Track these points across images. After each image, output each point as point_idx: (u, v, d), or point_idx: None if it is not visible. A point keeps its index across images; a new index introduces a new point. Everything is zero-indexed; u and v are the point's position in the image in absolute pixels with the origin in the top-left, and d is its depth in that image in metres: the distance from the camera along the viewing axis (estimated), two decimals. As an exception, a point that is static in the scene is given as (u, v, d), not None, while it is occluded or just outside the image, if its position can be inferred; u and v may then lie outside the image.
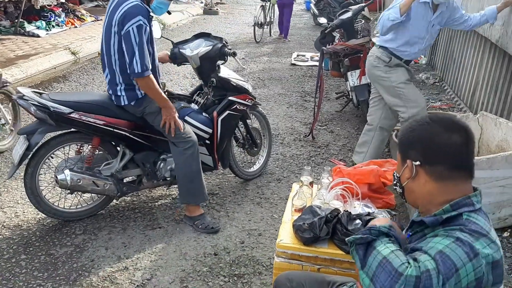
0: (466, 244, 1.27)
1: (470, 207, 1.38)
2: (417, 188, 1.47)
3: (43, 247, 3.13)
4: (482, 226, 1.34)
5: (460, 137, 1.40)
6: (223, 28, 12.24)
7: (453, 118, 1.47)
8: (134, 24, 2.92)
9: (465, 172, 1.42)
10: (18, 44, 8.44)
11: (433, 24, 3.70)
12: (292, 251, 2.25)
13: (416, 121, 1.49)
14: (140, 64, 2.95)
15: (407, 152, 1.48)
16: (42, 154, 3.15)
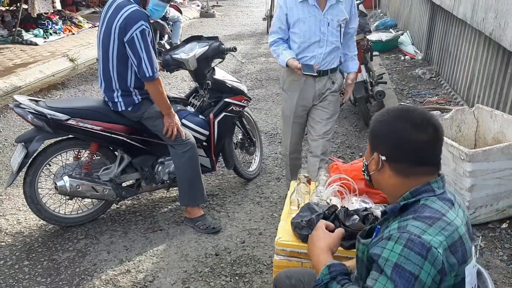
0: (416, 243, 1.28)
1: (429, 193, 1.41)
2: (382, 180, 1.51)
3: (46, 253, 3.16)
4: (438, 209, 1.36)
5: (428, 135, 1.41)
6: (220, 31, 12.25)
7: (423, 115, 1.46)
8: (138, 29, 2.94)
9: (430, 167, 1.45)
10: (16, 52, 8.47)
11: (327, 22, 3.06)
12: (291, 248, 2.26)
13: (386, 115, 1.49)
14: (150, 67, 3.00)
15: (376, 145, 1.50)
16: (40, 162, 3.18)
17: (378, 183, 1.54)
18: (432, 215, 1.35)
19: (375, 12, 12.52)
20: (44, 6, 9.40)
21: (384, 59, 7.97)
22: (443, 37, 6.40)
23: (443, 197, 1.42)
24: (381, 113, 1.52)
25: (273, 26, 3.16)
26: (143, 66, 2.99)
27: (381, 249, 1.34)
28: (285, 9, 3.06)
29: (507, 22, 3.79)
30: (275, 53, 3.17)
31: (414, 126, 1.41)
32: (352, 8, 3.19)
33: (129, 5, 3.00)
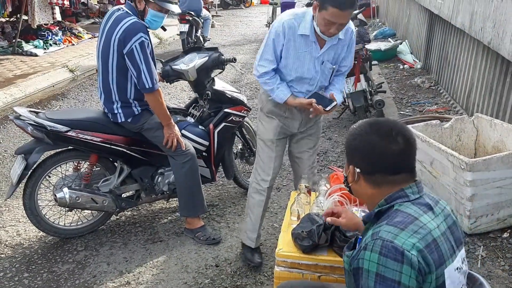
0: (390, 248, 1.33)
1: (403, 198, 1.46)
2: (360, 190, 1.58)
3: (45, 265, 3.14)
4: (410, 213, 1.41)
5: (398, 145, 1.46)
6: (219, 40, 12.30)
7: (392, 126, 1.52)
8: (137, 41, 2.96)
9: (403, 175, 1.49)
10: (16, 63, 8.50)
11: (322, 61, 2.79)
12: (292, 259, 2.25)
13: (358, 129, 1.55)
14: (149, 79, 3.02)
15: (350, 158, 1.57)
16: (40, 173, 3.17)
17: (357, 193, 1.62)
18: (404, 220, 1.39)
19: (373, 21, 12.59)
20: (44, 17, 9.45)
21: (383, 68, 7.99)
22: (442, 46, 6.43)
23: (418, 202, 1.46)
24: (354, 127, 1.59)
25: (264, 54, 2.76)
26: (142, 78, 3.00)
27: (361, 261, 1.38)
28: (283, 39, 2.69)
29: (506, 32, 3.81)
30: (268, 86, 2.78)
31: (383, 137, 1.48)
32: (351, 46, 2.87)
33: (128, 17, 3.02)
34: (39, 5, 9.18)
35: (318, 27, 2.63)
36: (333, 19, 2.54)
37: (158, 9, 3.12)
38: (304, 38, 2.69)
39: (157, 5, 3.10)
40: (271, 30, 2.73)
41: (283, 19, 2.72)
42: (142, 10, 3.10)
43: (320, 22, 2.61)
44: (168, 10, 3.17)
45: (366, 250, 1.37)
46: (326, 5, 2.51)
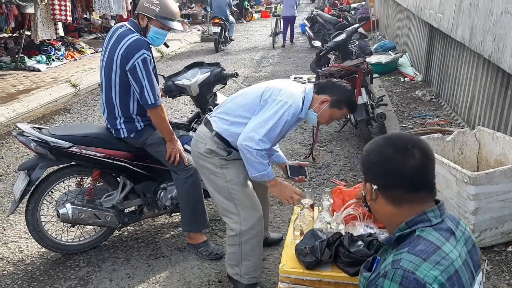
0: (411, 280, 1.26)
1: (425, 223, 1.39)
2: (379, 210, 1.51)
3: (48, 281, 3.13)
4: (433, 242, 1.34)
5: (415, 159, 1.40)
6: (220, 54, 12.39)
7: (409, 139, 1.46)
8: (139, 58, 2.99)
9: (422, 193, 1.43)
10: (19, 79, 8.56)
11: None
12: (296, 275, 2.24)
13: (373, 145, 1.50)
14: (152, 95, 3.05)
15: (367, 175, 1.51)
16: (43, 189, 3.18)
17: (376, 213, 1.55)
18: (426, 248, 1.32)
19: (373, 34, 12.67)
20: (47, 33, 9.54)
21: (384, 81, 8.02)
22: (442, 59, 6.46)
23: (440, 227, 1.39)
24: (369, 143, 1.54)
25: (271, 133, 2.54)
26: (145, 94, 3.03)
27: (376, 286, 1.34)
28: (290, 122, 2.64)
29: (506, 45, 3.83)
30: (261, 162, 2.56)
31: (398, 151, 1.42)
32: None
33: (131, 34, 3.05)
34: (42, 20, 9.26)
35: (318, 118, 2.73)
36: (340, 117, 2.81)
37: (160, 26, 3.15)
38: (299, 119, 2.73)
39: (159, 23, 3.13)
40: (286, 109, 2.56)
41: (299, 105, 2.64)
42: (145, 27, 3.14)
43: (324, 116, 2.73)
44: (171, 28, 3.19)
45: (385, 279, 1.31)
46: (342, 105, 2.70)
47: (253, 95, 2.71)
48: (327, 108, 2.70)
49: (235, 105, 2.73)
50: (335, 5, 17.06)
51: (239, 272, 2.84)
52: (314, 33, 12.25)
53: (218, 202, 2.83)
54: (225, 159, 2.72)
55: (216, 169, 2.74)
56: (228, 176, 2.73)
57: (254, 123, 2.55)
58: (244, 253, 2.80)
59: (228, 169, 2.73)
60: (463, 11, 5.11)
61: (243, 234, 2.76)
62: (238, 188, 2.74)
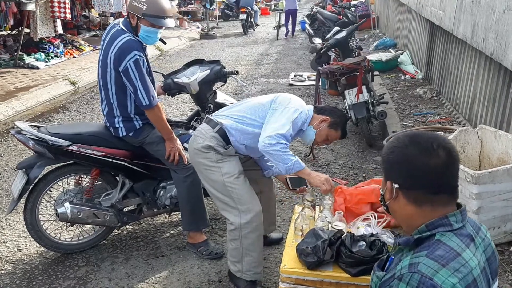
0: (428, 286, 1.22)
1: (446, 227, 1.35)
2: (398, 209, 1.45)
3: (46, 281, 3.10)
4: (453, 247, 1.30)
5: (440, 159, 1.36)
6: (220, 52, 12.36)
7: (434, 139, 1.41)
8: (131, 59, 2.95)
9: (445, 195, 1.38)
10: (17, 76, 8.52)
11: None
12: (297, 276, 2.22)
13: (396, 142, 1.45)
14: (146, 96, 3.01)
15: (388, 173, 1.46)
16: (41, 188, 3.15)
17: (394, 213, 1.49)
18: (446, 254, 1.28)
19: (374, 32, 12.63)
20: (46, 30, 9.51)
21: (385, 79, 7.99)
22: (443, 57, 6.42)
23: (460, 232, 1.35)
24: (391, 140, 1.48)
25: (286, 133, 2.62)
26: (139, 95, 3.01)
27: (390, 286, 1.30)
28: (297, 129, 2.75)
29: (508, 43, 3.80)
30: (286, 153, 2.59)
31: (424, 151, 1.37)
32: None
33: (123, 35, 3.01)
34: (41, 18, 9.23)
35: (315, 136, 2.85)
36: (333, 140, 2.92)
37: (150, 24, 3.06)
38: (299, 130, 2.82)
39: (148, 21, 3.05)
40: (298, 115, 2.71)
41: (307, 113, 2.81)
42: (135, 26, 3.08)
43: (321, 134, 2.86)
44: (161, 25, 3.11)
45: (401, 282, 1.27)
46: (338, 128, 2.87)
47: (263, 100, 2.87)
48: (326, 127, 2.85)
49: (243, 107, 2.87)
50: (335, 2, 17.04)
51: (242, 268, 2.84)
52: (314, 30, 12.22)
53: (216, 198, 2.85)
54: (221, 154, 2.78)
55: (211, 164, 2.78)
56: (224, 170, 2.77)
57: (269, 128, 2.65)
58: (245, 248, 2.81)
59: (223, 163, 2.78)
60: (464, 8, 5.08)
61: (242, 228, 2.77)
62: (234, 181, 2.77)
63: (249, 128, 2.76)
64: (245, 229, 2.77)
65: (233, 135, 2.76)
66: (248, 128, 2.76)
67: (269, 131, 2.60)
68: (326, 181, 2.68)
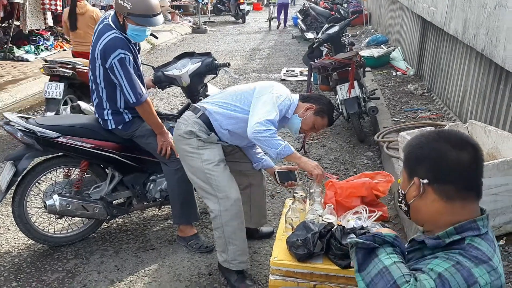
0: (465, 269, 1.23)
1: (474, 231, 1.33)
2: (423, 207, 1.41)
3: (35, 273, 3.07)
4: (484, 252, 1.29)
5: (469, 155, 1.35)
6: (212, 46, 12.31)
7: (462, 135, 1.41)
8: (115, 58, 2.93)
9: (473, 192, 1.38)
10: (7, 69, 8.42)
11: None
12: (287, 268, 2.22)
13: (425, 137, 1.43)
14: (132, 94, 2.99)
15: (415, 169, 1.42)
16: (29, 180, 3.12)
17: (418, 211, 1.45)
18: (480, 257, 1.27)
19: (366, 28, 12.64)
20: (36, 23, 9.40)
21: (376, 74, 8.01)
22: (435, 53, 6.45)
23: (487, 237, 1.34)
24: (416, 137, 1.46)
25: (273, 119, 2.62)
26: (125, 93, 3.00)
27: (424, 264, 1.30)
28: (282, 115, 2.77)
29: (499, 39, 3.82)
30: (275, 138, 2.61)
31: (454, 145, 1.36)
32: None
33: (109, 32, 2.98)
34: (31, 10, 9.12)
35: (301, 124, 2.85)
36: (320, 128, 2.91)
37: (136, 23, 3.02)
38: (283, 118, 2.83)
39: (133, 21, 3.01)
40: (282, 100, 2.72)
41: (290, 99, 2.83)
42: (122, 24, 3.05)
43: (307, 122, 2.86)
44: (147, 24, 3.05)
45: (437, 259, 1.27)
46: (324, 115, 2.86)
47: (246, 87, 2.91)
48: (312, 115, 2.85)
49: (226, 94, 2.88)
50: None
51: (227, 258, 2.85)
52: (307, 26, 12.21)
53: (197, 185, 2.87)
54: (202, 140, 2.79)
55: (192, 150, 2.80)
56: (204, 156, 2.78)
57: (256, 114, 2.65)
58: (227, 236, 2.82)
59: (204, 150, 2.79)
60: (456, 5, 5.09)
61: (222, 216, 2.78)
62: (213, 169, 2.77)
63: (233, 113, 2.78)
64: (225, 217, 2.78)
65: (216, 119, 2.78)
66: (231, 113, 2.78)
67: (257, 117, 2.60)
68: (317, 167, 2.70)
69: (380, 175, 2.83)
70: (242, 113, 2.76)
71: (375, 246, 1.37)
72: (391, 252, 1.36)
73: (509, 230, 3.17)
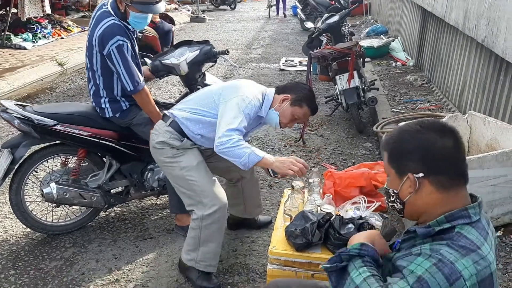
0: (448, 266, 1.22)
1: (465, 219, 1.33)
2: (419, 201, 1.39)
3: (32, 262, 3.07)
4: (473, 240, 1.28)
5: (453, 141, 1.35)
6: (210, 35, 12.24)
7: (440, 122, 1.40)
8: (113, 45, 2.91)
9: (462, 178, 1.37)
10: (4, 57, 8.37)
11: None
12: (285, 257, 2.22)
13: (407, 131, 1.40)
14: (130, 82, 2.98)
15: (405, 165, 1.39)
16: (27, 168, 3.11)
17: (413, 206, 1.42)
18: (467, 246, 1.26)
19: (366, 18, 12.58)
20: (34, 10, 9.33)
21: (376, 65, 7.98)
22: (435, 44, 6.42)
23: (478, 225, 1.33)
24: (396, 133, 1.43)
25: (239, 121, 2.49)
26: (123, 81, 2.98)
27: (407, 262, 1.28)
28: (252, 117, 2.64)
29: (500, 29, 3.79)
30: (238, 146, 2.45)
31: (440, 134, 1.34)
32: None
33: (107, 18, 2.96)
34: (29, -3, 9.05)
35: (280, 117, 2.71)
36: (302, 117, 2.74)
37: (139, 11, 3.01)
38: (258, 117, 2.74)
39: (136, 8, 3.00)
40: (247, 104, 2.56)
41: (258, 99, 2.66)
42: (124, 11, 3.02)
43: (286, 114, 2.71)
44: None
45: (419, 257, 1.26)
46: (302, 103, 2.69)
47: (212, 90, 2.77)
48: (288, 106, 2.71)
49: (195, 100, 2.79)
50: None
51: (195, 257, 2.75)
52: (306, 15, 12.13)
53: (181, 193, 2.78)
54: (176, 148, 2.71)
55: (169, 160, 2.73)
56: (182, 163, 2.70)
57: (219, 127, 2.51)
58: (202, 238, 2.72)
59: (180, 157, 2.71)
60: (457, -5, 5.05)
61: (204, 219, 2.68)
62: (194, 174, 2.69)
63: (202, 118, 2.68)
64: (206, 220, 2.68)
65: (187, 126, 2.69)
66: (201, 118, 2.68)
67: (221, 129, 2.48)
68: (292, 164, 2.49)
69: (379, 165, 2.82)
70: (211, 117, 2.65)
71: (343, 265, 1.37)
72: (360, 265, 1.35)
73: (507, 221, 3.18)
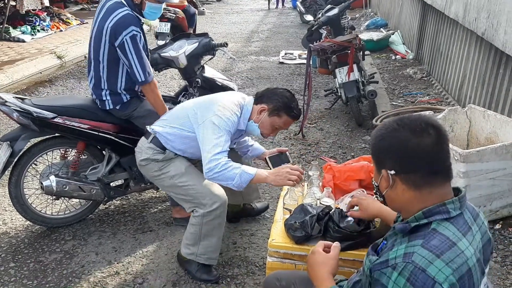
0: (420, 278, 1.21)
1: (443, 215, 1.32)
2: (396, 197, 1.41)
3: (32, 254, 3.08)
4: (448, 237, 1.28)
5: (431, 139, 1.33)
6: (210, 28, 12.19)
7: (422, 118, 1.39)
8: (128, 34, 2.92)
9: (441, 175, 1.36)
10: (3, 49, 8.34)
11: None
12: (285, 250, 2.23)
13: (385, 128, 1.41)
14: (142, 72, 2.99)
15: (382, 161, 1.42)
16: (26, 161, 3.11)
17: (392, 201, 1.45)
18: (441, 244, 1.26)
19: (365, 11, 12.54)
20: (32, 3, 9.29)
21: (375, 58, 7.96)
22: (435, 37, 6.40)
23: (457, 221, 1.33)
24: (377, 129, 1.45)
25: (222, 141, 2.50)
26: (134, 71, 2.99)
27: (385, 278, 1.28)
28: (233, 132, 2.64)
29: (500, 22, 3.78)
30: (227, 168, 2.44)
31: (415, 132, 1.34)
32: None
33: (120, 8, 2.95)
34: (27, -10, 9.00)
35: (260, 129, 2.71)
36: (283, 126, 2.72)
37: (155, 1, 3.06)
38: (239, 131, 2.75)
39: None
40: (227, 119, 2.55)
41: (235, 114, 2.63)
42: (139, 3, 3.04)
43: (265, 126, 2.69)
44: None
45: (394, 271, 1.26)
46: (281, 112, 2.65)
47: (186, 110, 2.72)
48: (266, 117, 2.67)
49: (172, 118, 2.79)
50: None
51: (196, 251, 2.76)
52: (306, 8, 12.09)
53: (180, 200, 2.80)
54: (160, 161, 2.73)
55: (157, 174, 2.75)
56: (170, 173, 2.72)
57: (204, 152, 2.50)
58: (203, 233, 2.73)
59: (167, 167, 2.73)
60: (457, -12, 5.04)
61: (205, 216, 2.69)
62: (186, 179, 2.70)
63: (182, 133, 2.69)
64: (208, 217, 2.69)
65: (168, 140, 2.71)
66: (181, 133, 2.69)
67: (207, 156, 2.46)
68: (289, 174, 2.46)
69: (379, 158, 2.81)
70: (190, 132, 2.65)
71: None
72: None
73: (506, 214, 3.19)
